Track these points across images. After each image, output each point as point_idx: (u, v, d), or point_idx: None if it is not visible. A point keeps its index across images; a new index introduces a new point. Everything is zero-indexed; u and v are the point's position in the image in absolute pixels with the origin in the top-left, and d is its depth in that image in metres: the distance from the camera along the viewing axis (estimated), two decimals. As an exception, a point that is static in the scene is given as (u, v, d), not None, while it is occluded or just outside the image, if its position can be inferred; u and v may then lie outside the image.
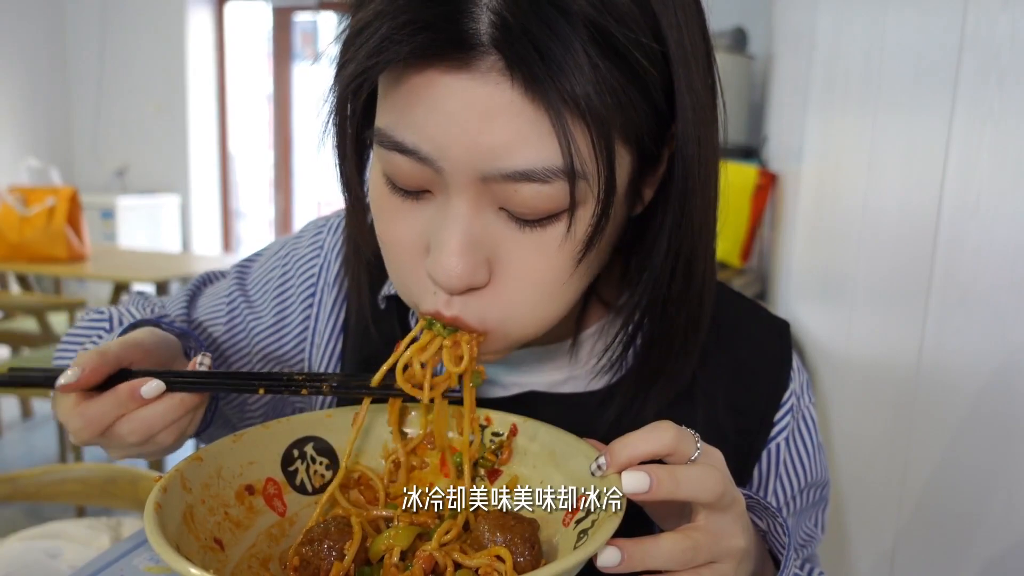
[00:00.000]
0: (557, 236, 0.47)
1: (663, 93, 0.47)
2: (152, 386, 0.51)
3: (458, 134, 0.44)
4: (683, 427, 0.46)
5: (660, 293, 0.55)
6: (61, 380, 0.50)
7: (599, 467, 0.46)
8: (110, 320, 0.72)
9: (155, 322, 0.64)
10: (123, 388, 0.51)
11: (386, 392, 0.54)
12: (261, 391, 0.55)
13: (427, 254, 0.49)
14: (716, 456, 0.47)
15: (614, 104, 0.44)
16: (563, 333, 0.63)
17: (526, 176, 0.44)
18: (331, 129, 0.52)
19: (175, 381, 0.53)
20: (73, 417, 0.51)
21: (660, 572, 0.44)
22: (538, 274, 0.49)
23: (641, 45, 0.44)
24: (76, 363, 0.51)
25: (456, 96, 0.43)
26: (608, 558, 0.42)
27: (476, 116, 0.43)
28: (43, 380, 0.52)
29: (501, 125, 0.43)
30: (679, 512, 0.49)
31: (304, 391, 0.54)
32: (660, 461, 0.46)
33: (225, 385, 0.55)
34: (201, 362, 0.55)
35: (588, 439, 0.52)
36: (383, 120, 0.48)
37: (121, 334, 0.60)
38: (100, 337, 0.71)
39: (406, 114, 0.46)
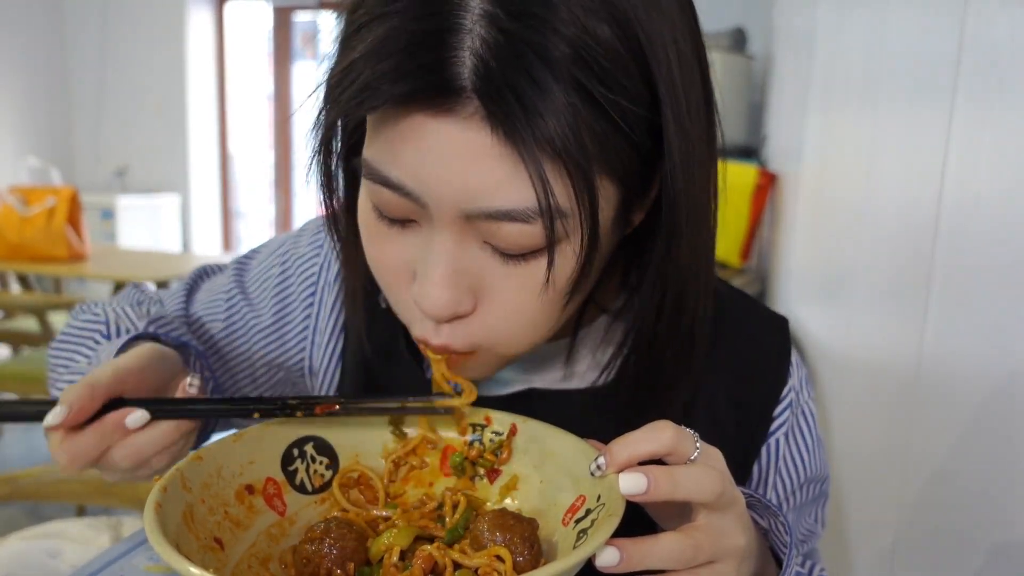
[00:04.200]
0: (541, 270, 0.47)
1: (651, 133, 0.47)
2: (136, 417, 0.51)
3: (441, 175, 0.45)
4: (682, 427, 0.47)
5: (648, 329, 0.55)
6: (48, 419, 0.49)
7: (599, 467, 0.46)
8: (106, 324, 0.71)
9: (153, 335, 0.64)
10: (108, 421, 0.51)
11: (378, 410, 0.56)
12: (256, 415, 0.53)
13: (414, 280, 0.50)
14: (715, 456, 0.47)
15: (595, 147, 0.44)
16: (562, 332, 0.63)
17: (507, 216, 0.45)
18: (316, 167, 0.52)
19: (161, 410, 0.52)
20: (59, 453, 0.50)
21: (660, 572, 0.44)
22: (522, 306, 0.49)
23: (626, 90, 0.44)
24: (64, 400, 0.49)
25: (439, 139, 0.44)
26: (607, 558, 0.42)
27: (458, 159, 0.44)
28: (34, 415, 0.51)
29: (482, 168, 0.44)
30: (680, 512, 0.49)
31: (299, 413, 0.53)
32: (660, 461, 0.46)
33: (215, 411, 0.54)
34: (191, 383, 0.54)
35: (588, 439, 0.52)
36: (370, 152, 0.48)
37: (120, 348, 0.60)
38: (96, 342, 0.70)
39: (392, 151, 0.46)
